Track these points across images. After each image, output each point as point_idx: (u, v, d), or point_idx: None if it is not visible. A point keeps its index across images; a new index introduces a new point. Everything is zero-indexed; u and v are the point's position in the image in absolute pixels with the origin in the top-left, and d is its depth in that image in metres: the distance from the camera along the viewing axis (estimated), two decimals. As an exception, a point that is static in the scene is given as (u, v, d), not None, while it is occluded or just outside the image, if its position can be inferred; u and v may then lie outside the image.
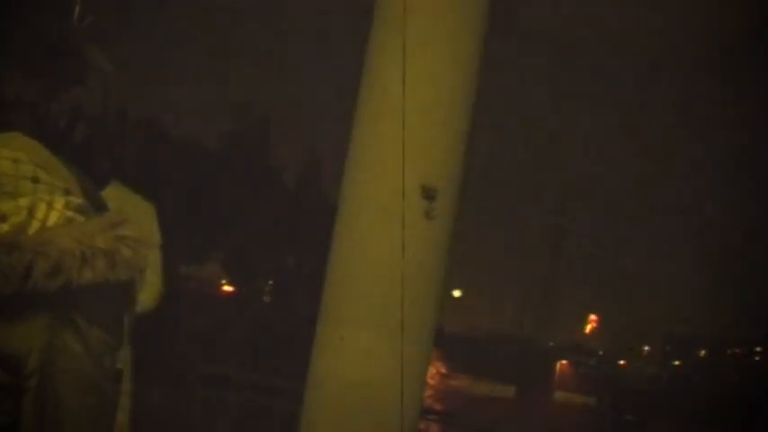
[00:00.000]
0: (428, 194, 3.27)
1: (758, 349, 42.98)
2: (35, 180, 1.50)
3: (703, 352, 46.72)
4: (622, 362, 52.23)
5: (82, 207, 1.54)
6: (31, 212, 1.48)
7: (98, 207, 1.60)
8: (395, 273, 3.26)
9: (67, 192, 1.53)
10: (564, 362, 47.09)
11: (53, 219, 1.50)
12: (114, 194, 3.85)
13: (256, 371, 15.34)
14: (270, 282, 31.30)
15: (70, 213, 1.51)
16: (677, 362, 47.06)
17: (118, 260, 1.53)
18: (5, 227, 1.47)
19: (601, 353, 53.25)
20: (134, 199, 4.05)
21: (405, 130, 3.31)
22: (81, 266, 1.47)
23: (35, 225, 1.48)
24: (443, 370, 29.56)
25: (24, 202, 1.48)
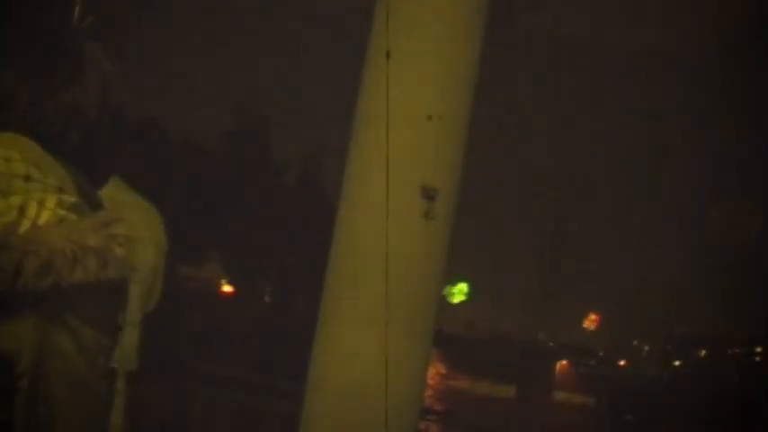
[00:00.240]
0: (428, 194, 3.26)
1: (758, 349, 42.96)
2: (27, 179, 1.49)
3: (703, 352, 46.70)
4: (622, 362, 52.23)
5: (75, 206, 1.52)
6: (23, 211, 1.47)
7: (94, 206, 1.58)
8: (395, 273, 3.26)
9: (60, 190, 1.52)
10: (564, 362, 47.11)
11: (44, 217, 1.48)
12: (122, 200, 3.85)
13: (256, 371, 15.35)
14: (270, 282, 31.30)
15: (62, 212, 1.50)
16: (677, 362, 47.03)
17: (110, 259, 1.52)
18: None
19: (601, 353, 53.24)
20: (143, 206, 4.04)
21: (405, 130, 3.31)
22: (72, 265, 1.46)
23: (26, 224, 1.47)
24: (443, 370, 29.55)
25: (16, 201, 1.47)
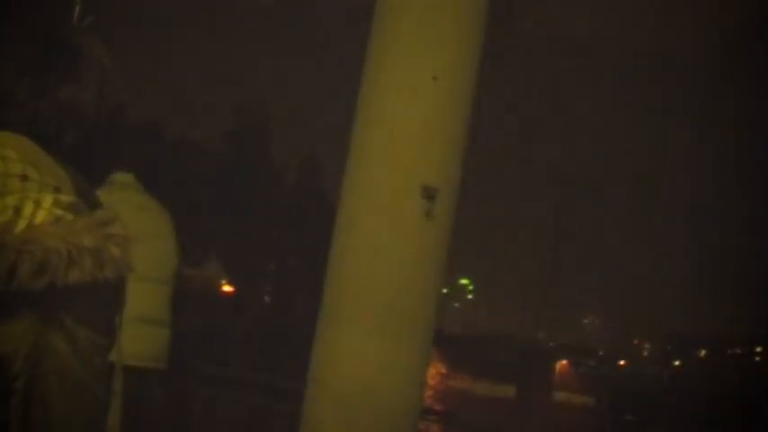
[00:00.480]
0: (428, 194, 3.27)
1: (758, 349, 42.97)
2: (24, 178, 1.47)
3: (703, 352, 46.70)
4: (622, 362, 52.21)
5: (72, 205, 1.51)
6: (18, 211, 1.45)
7: (91, 205, 1.57)
8: (395, 273, 3.26)
9: (57, 190, 1.50)
10: (564, 362, 47.07)
11: (40, 217, 1.46)
12: (135, 201, 3.83)
13: (256, 371, 15.34)
14: (270, 282, 31.29)
15: (59, 212, 1.49)
16: (677, 362, 47.02)
17: (106, 259, 1.50)
18: None
19: (601, 353, 53.22)
20: (157, 206, 4.02)
21: (405, 130, 3.31)
22: (68, 266, 1.44)
23: (22, 223, 1.45)
24: (443, 370, 29.54)
25: (11, 201, 1.46)
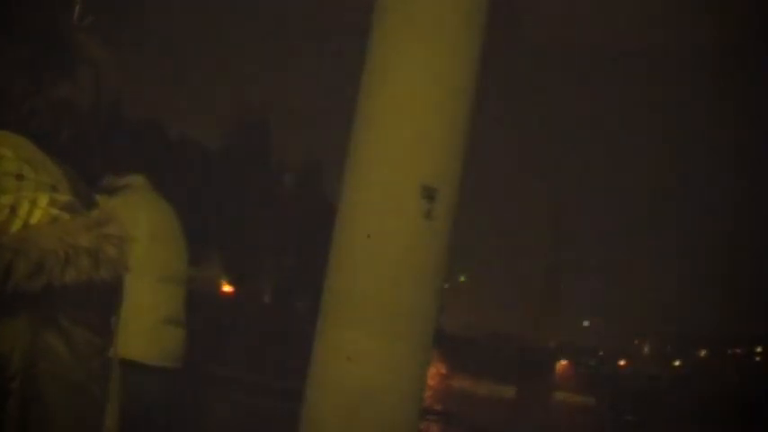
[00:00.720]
0: (428, 194, 3.26)
1: (758, 349, 42.98)
2: (19, 177, 1.46)
3: (703, 352, 46.71)
4: (622, 362, 52.21)
5: (68, 205, 1.50)
6: (14, 210, 1.44)
7: (88, 205, 1.56)
8: (395, 273, 3.26)
9: (53, 189, 1.49)
10: (564, 362, 47.06)
11: (36, 217, 1.45)
12: (143, 200, 3.83)
13: (256, 371, 15.33)
14: (270, 282, 31.29)
15: (55, 211, 1.48)
16: (677, 362, 47.02)
17: (102, 259, 1.49)
18: None
19: (601, 353, 53.21)
20: (164, 206, 4.03)
21: (405, 130, 3.31)
22: (64, 266, 1.43)
23: (17, 223, 1.44)
24: (443, 370, 29.54)
25: (7, 200, 1.44)
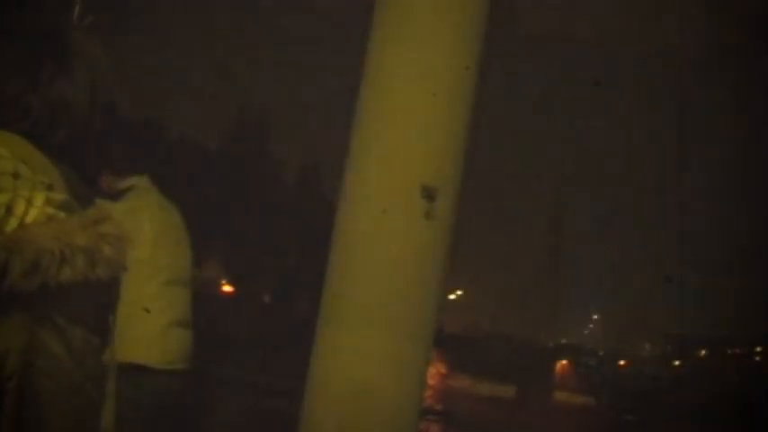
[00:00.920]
0: (428, 194, 3.26)
1: (758, 349, 42.98)
2: (16, 176, 1.46)
3: (703, 352, 46.72)
4: (622, 362, 52.21)
5: (64, 204, 1.50)
6: (10, 209, 1.44)
7: (84, 204, 1.56)
8: (395, 273, 3.26)
9: (49, 188, 1.48)
10: (564, 362, 47.07)
11: (32, 216, 1.45)
12: (148, 200, 3.83)
13: (256, 371, 15.34)
14: (270, 282, 31.31)
15: (51, 210, 1.47)
16: (677, 362, 47.03)
17: (98, 258, 1.49)
18: None
19: (601, 353, 53.22)
20: (169, 206, 4.02)
21: (405, 130, 3.30)
22: (60, 265, 1.43)
23: (13, 222, 1.44)
24: (443, 370, 29.55)
25: (3, 199, 1.44)
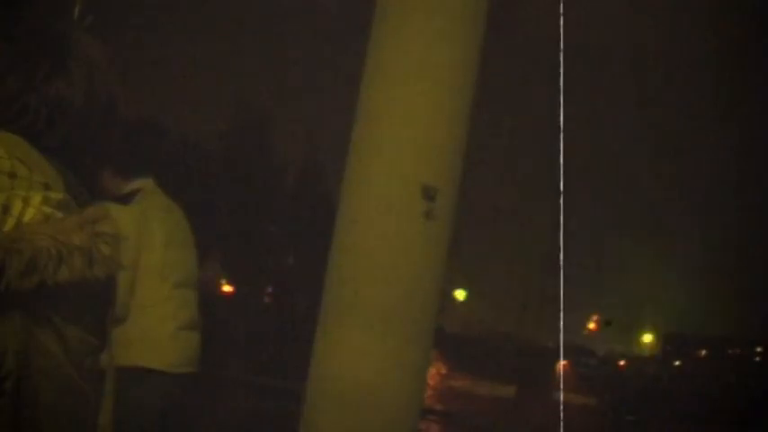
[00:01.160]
0: (428, 194, 3.26)
1: (758, 349, 42.99)
2: (12, 176, 1.45)
3: (703, 352, 46.71)
4: (622, 362, 52.19)
5: (62, 203, 1.49)
6: (7, 209, 1.43)
7: (81, 203, 1.55)
8: (395, 273, 3.25)
9: (47, 187, 1.48)
10: (564, 362, 47.06)
11: (29, 215, 1.44)
12: (156, 203, 3.82)
13: (256, 371, 15.34)
14: (270, 282, 31.31)
15: (48, 210, 1.46)
16: (677, 362, 47.02)
17: (96, 257, 1.48)
18: None
19: (601, 353, 53.21)
20: (175, 208, 4.01)
21: (405, 130, 3.30)
22: (57, 264, 1.42)
23: (10, 222, 1.43)
24: (443, 370, 29.55)
25: (0, 199, 1.45)
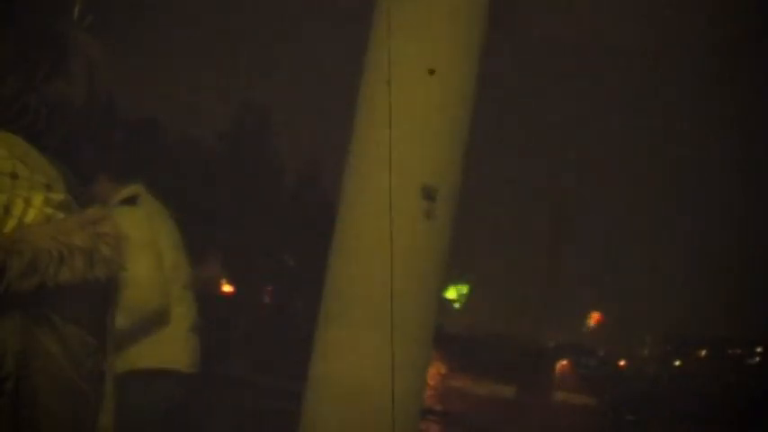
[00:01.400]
0: (428, 194, 3.26)
1: (758, 349, 43.00)
2: (14, 176, 1.45)
3: (703, 352, 46.72)
4: (622, 362, 52.19)
5: (63, 204, 1.49)
6: (8, 210, 1.43)
7: (82, 203, 1.55)
8: (395, 273, 3.25)
9: (48, 188, 1.47)
10: (564, 362, 47.02)
11: (31, 216, 1.44)
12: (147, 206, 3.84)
13: (256, 371, 15.33)
14: (270, 282, 31.31)
15: (50, 210, 1.46)
16: (677, 362, 47.03)
17: (97, 258, 1.48)
18: None
19: (601, 353, 53.18)
20: (163, 210, 4.03)
21: (405, 130, 3.30)
22: (58, 265, 1.42)
23: (12, 223, 1.43)
24: (443, 370, 29.55)
25: (1, 199, 1.43)
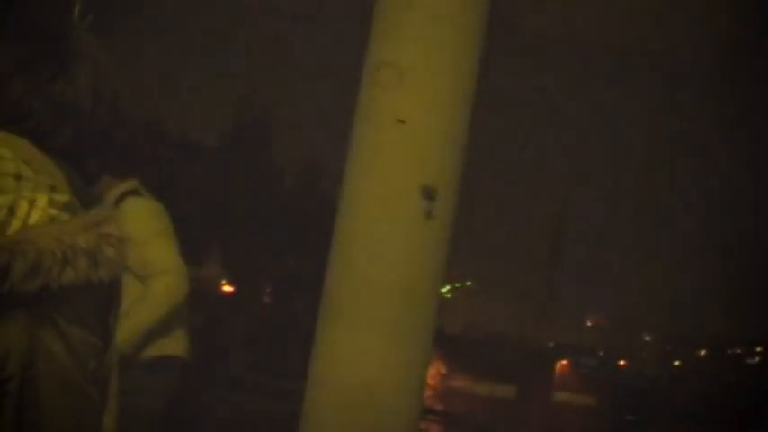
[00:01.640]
0: (428, 194, 3.26)
1: (758, 349, 43.02)
2: (18, 177, 1.45)
3: (703, 352, 46.74)
4: (622, 362, 52.20)
5: (68, 205, 1.49)
6: (12, 211, 1.43)
7: (86, 204, 1.55)
8: (395, 273, 3.25)
9: (52, 189, 1.47)
10: (564, 362, 47.04)
11: (35, 217, 1.44)
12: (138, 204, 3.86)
13: (256, 371, 15.34)
14: (270, 282, 31.31)
15: (54, 211, 1.46)
16: (677, 362, 47.05)
17: (100, 259, 1.47)
18: None
19: (601, 353, 53.19)
20: (158, 207, 4.06)
21: (404, 131, 3.30)
22: (62, 266, 1.42)
23: (16, 224, 1.43)
24: (443, 370, 29.56)
25: (5, 201, 1.43)
